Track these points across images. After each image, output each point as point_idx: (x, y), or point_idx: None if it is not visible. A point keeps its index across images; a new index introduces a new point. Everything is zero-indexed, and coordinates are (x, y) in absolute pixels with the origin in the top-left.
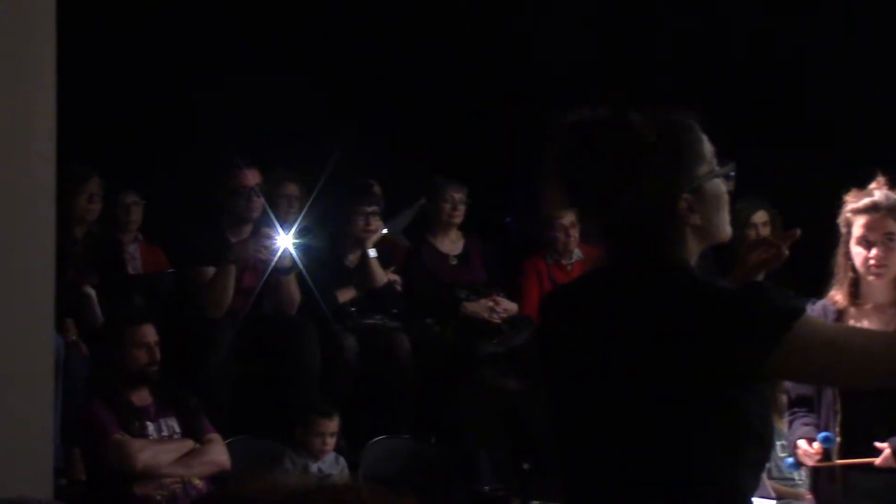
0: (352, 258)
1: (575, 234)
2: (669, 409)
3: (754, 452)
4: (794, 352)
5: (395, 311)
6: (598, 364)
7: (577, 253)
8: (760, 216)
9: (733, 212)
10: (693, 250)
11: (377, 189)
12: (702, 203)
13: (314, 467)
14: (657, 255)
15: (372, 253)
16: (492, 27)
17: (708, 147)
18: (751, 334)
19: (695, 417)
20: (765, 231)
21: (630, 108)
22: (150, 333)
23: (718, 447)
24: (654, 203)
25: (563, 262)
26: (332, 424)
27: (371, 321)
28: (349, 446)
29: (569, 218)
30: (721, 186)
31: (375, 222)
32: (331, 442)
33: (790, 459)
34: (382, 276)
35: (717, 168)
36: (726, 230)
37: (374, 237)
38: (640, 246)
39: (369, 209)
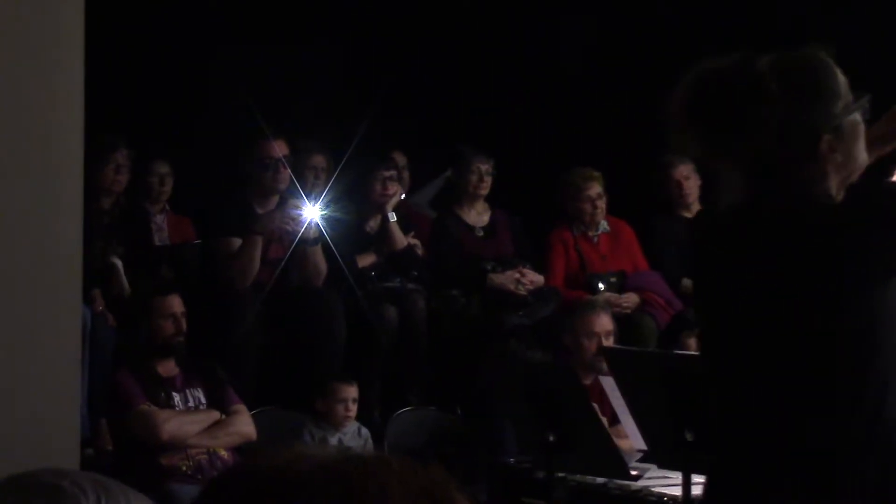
0: (372, 224)
1: (602, 205)
2: (820, 312)
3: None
4: None
5: (415, 273)
6: (756, 286)
7: (603, 224)
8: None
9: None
10: (836, 185)
11: (399, 157)
12: (841, 141)
13: (334, 439)
14: (802, 195)
15: (392, 217)
16: None
17: (842, 81)
18: (886, 230)
19: (842, 316)
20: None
21: (758, 53)
22: (176, 304)
23: (865, 342)
24: (794, 146)
25: (590, 233)
26: (352, 390)
27: (390, 284)
28: (368, 417)
29: (595, 189)
30: (858, 118)
31: (393, 186)
32: (353, 409)
33: None
34: (402, 239)
35: (852, 103)
36: (864, 158)
37: (393, 201)
38: (785, 188)
39: (387, 174)
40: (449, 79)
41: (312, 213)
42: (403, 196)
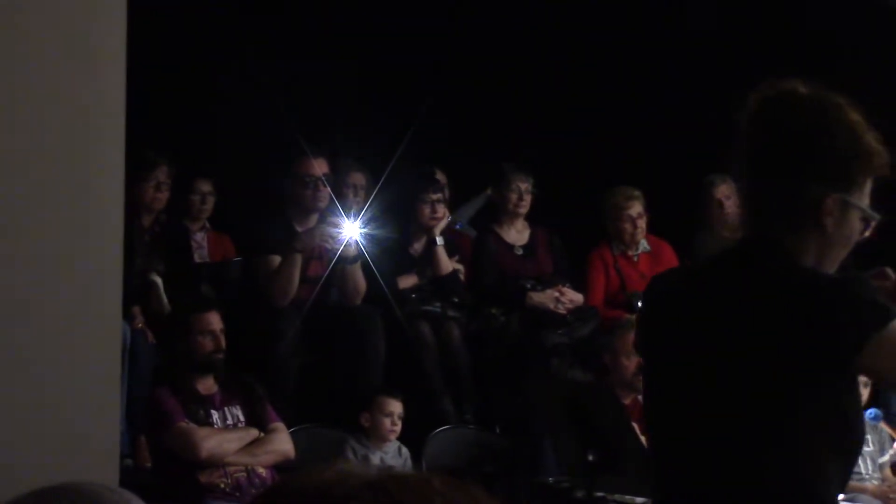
0: (417, 246)
1: (642, 224)
2: (762, 388)
3: (844, 439)
4: (884, 350)
5: (455, 300)
6: (697, 343)
7: (643, 244)
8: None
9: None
10: (807, 249)
11: (441, 176)
12: (841, 216)
13: (375, 457)
14: (775, 239)
15: (439, 241)
16: (557, 11)
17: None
18: (848, 324)
19: (787, 399)
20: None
21: (827, 89)
22: (215, 321)
23: (808, 430)
24: (804, 184)
25: (630, 253)
26: (398, 405)
27: (430, 308)
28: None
29: (636, 208)
30: (858, 223)
31: (441, 209)
32: (398, 424)
33: (871, 411)
34: (448, 264)
35: (867, 205)
36: (832, 266)
37: (441, 225)
38: (765, 227)
39: (434, 196)
40: (489, 96)
41: (352, 230)
42: (449, 219)
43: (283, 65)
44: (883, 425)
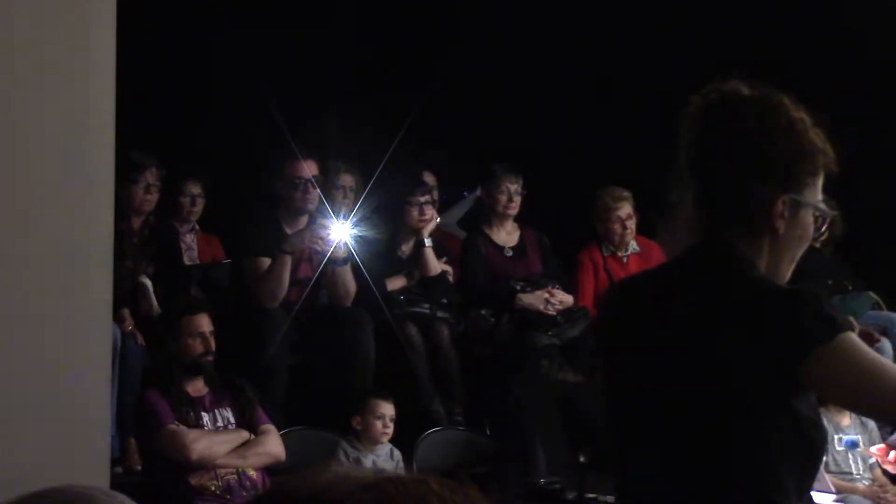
0: (405, 248)
1: (632, 225)
2: (716, 400)
3: (801, 454)
4: (828, 364)
5: (444, 301)
6: (650, 351)
7: (633, 245)
8: None
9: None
10: (761, 252)
11: (429, 178)
12: (793, 216)
13: (368, 460)
14: (728, 243)
15: (427, 243)
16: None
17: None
18: (793, 334)
19: (739, 410)
20: None
21: (774, 89)
22: (205, 323)
23: (762, 442)
24: (752, 187)
25: (620, 254)
26: (389, 407)
27: (419, 310)
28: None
29: (626, 209)
30: (811, 220)
31: (430, 212)
32: (390, 426)
33: (848, 438)
34: (436, 265)
35: (821, 201)
36: (786, 273)
37: (430, 227)
38: (718, 230)
39: (423, 199)
40: (478, 97)
41: (341, 232)
42: (438, 220)
43: (273, 66)
44: (862, 450)
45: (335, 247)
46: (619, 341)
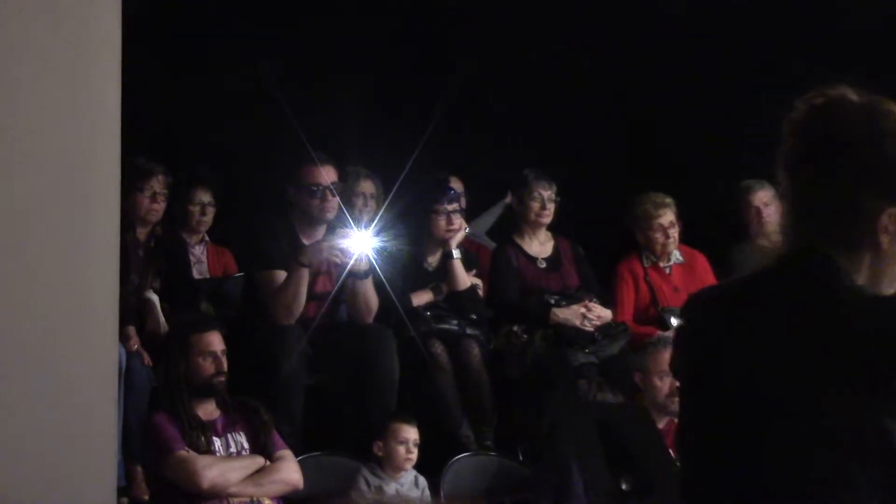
0: (432, 260)
1: (674, 233)
2: (812, 414)
3: (886, 473)
4: None
5: (474, 317)
6: (743, 364)
7: (676, 255)
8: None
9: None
10: (861, 266)
11: (457, 184)
12: None
13: (391, 488)
14: (826, 255)
15: (455, 254)
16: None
17: None
18: (889, 347)
19: (839, 429)
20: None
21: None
22: (216, 342)
23: (851, 462)
24: (855, 199)
25: (662, 264)
26: (413, 431)
27: (446, 326)
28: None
29: (668, 216)
30: None
31: (458, 221)
32: (414, 452)
33: None
34: (465, 279)
35: None
36: (890, 285)
37: (458, 237)
38: (814, 240)
39: (450, 207)
40: (508, 98)
41: (362, 243)
42: (467, 230)
43: (288, 66)
44: None
45: (355, 259)
46: (708, 354)
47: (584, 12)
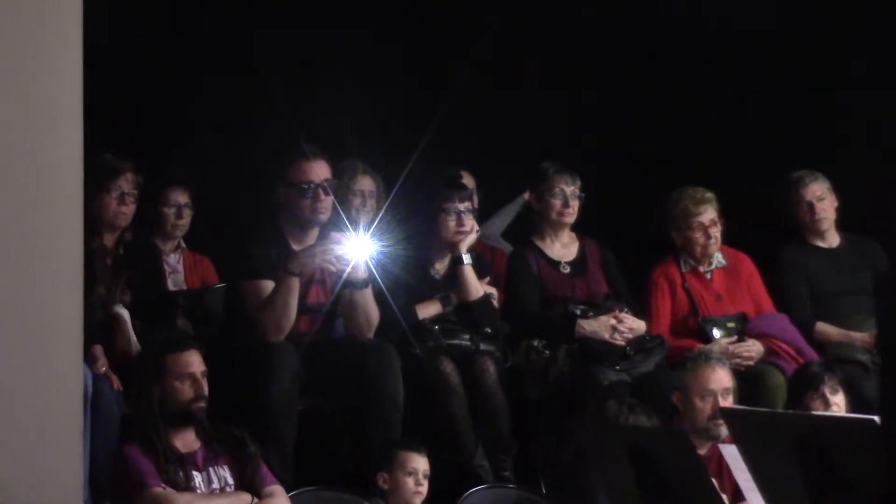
0: (439, 266)
1: (716, 233)
2: None
3: None
4: None
5: (488, 330)
6: None
7: (717, 257)
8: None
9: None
10: None
11: (468, 180)
12: None
13: None
14: None
15: (466, 259)
16: None
17: None
18: None
19: None
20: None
21: None
22: (195, 363)
23: None
24: None
25: (702, 269)
26: (423, 461)
27: (457, 342)
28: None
29: (709, 213)
30: None
31: (469, 221)
32: (424, 484)
33: None
34: (477, 287)
35: None
36: None
37: (469, 240)
38: None
39: (461, 206)
40: (524, 84)
41: (360, 248)
42: (479, 232)
43: (276, 46)
44: None
45: (353, 266)
46: None
47: None
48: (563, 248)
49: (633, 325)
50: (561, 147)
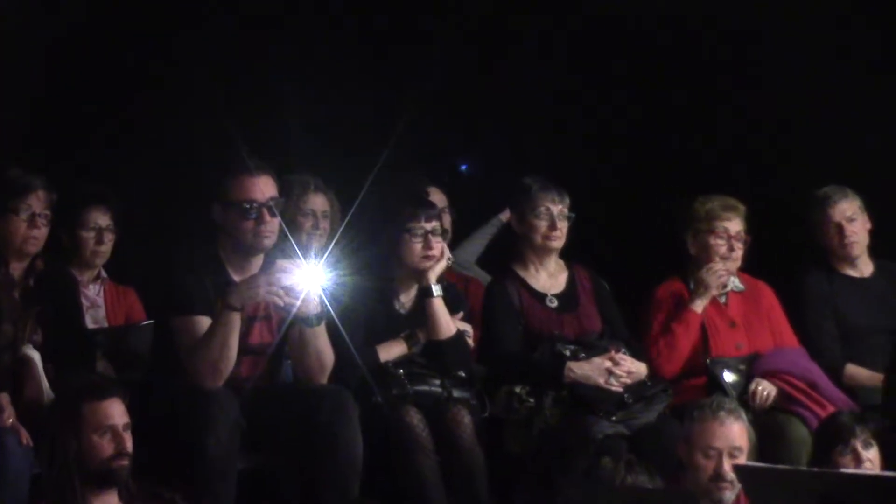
0: (404, 299)
1: (739, 250)
2: None
3: None
4: None
5: (462, 374)
6: None
7: (734, 281)
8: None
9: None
10: None
11: (438, 197)
12: None
13: None
14: None
15: (435, 291)
16: None
17: None
18: None
19: None
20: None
21: None
22: (117, 413)
23: None
24: None
25: (715, 291)
26: None
27: (427, 388)
28: None
29: (736, 224)
30: None
31: (438, 245)
32: None
33: None
34: (448, 323)
35: None
36: None
37: (439, 267)
38: None
39: (428, 226)
40: (501, 84)
41: (312, 278)
42: (450, 260)
43: (213, 42)
44: None
45: (304, 299)
46: None
47: None
48: (549, 277)
49: (632, 368)
50: (546, 160)
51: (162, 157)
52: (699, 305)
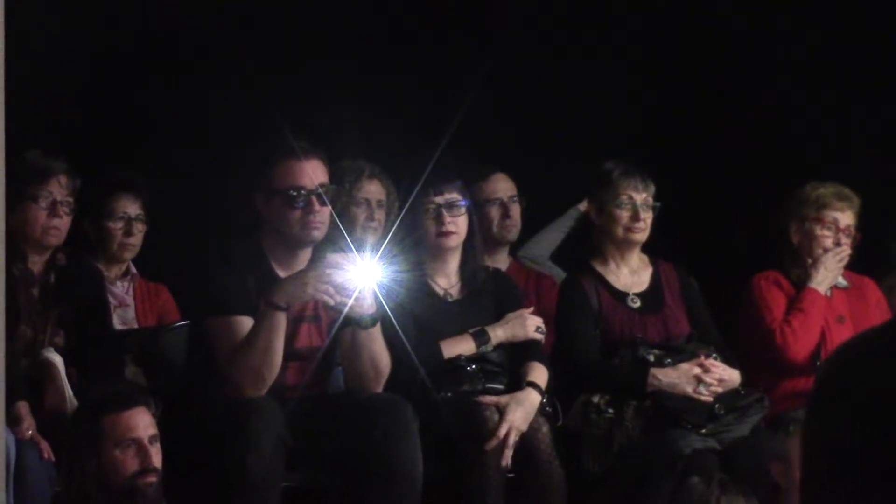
0: (444, 284)
1: (848, 246)
2: None
3: None
4: None
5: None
6: None
7: (840, 279)
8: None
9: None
10: None
11: (506, 184)
12: None
13: None
14: None
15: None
16: None
17: None
18: None
19: None
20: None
21: None
22: (141, 424)
23: None
24: None
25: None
26: None
27: (501, 387)
28: None
29: (848, 217)
30: None
31: (455, 220)
32: None
33: None
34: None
35: None
36: None
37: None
38: None
39: (439, 199)
40: (574, 68)
41: (367, 275)
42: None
43: (252, 21)
44: None
45: (356, 298)
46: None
47: None
48: (631, 274)
49: (724, 375)
50: (627, 144)
51: (198, 139)
52: (822, 287)
